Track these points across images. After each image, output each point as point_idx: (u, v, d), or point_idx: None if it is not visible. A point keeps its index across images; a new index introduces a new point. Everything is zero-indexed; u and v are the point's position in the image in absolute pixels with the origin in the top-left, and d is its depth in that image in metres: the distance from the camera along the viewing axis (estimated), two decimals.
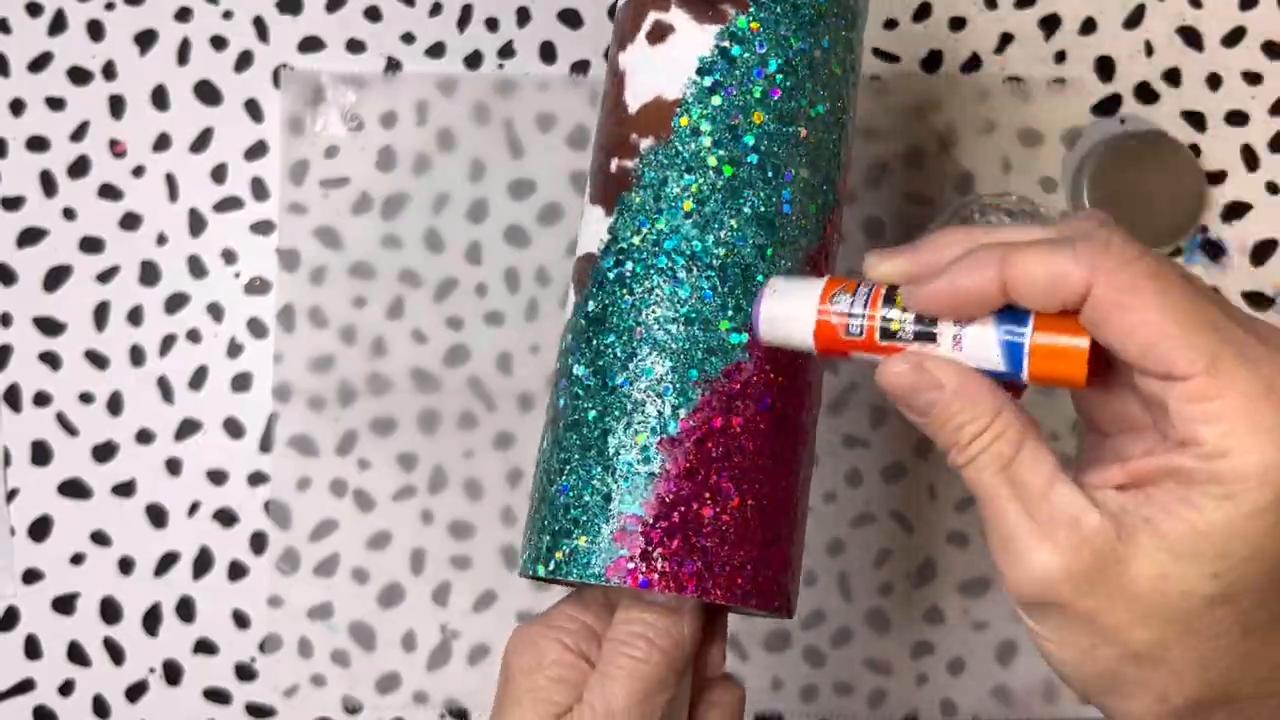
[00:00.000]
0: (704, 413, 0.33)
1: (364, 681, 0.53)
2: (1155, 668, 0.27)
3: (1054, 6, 0.54)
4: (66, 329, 0.53)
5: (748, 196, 0.35)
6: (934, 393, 0.29)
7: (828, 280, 0.31)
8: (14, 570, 0.53)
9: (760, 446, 0.34)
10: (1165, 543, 0.26)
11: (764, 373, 0.34)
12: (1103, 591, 0.27)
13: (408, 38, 0.54)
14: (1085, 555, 0.27)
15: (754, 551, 0.33)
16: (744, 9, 0.35)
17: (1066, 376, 0.28)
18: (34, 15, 0.54)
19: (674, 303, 0.34)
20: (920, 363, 0.29)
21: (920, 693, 0.53)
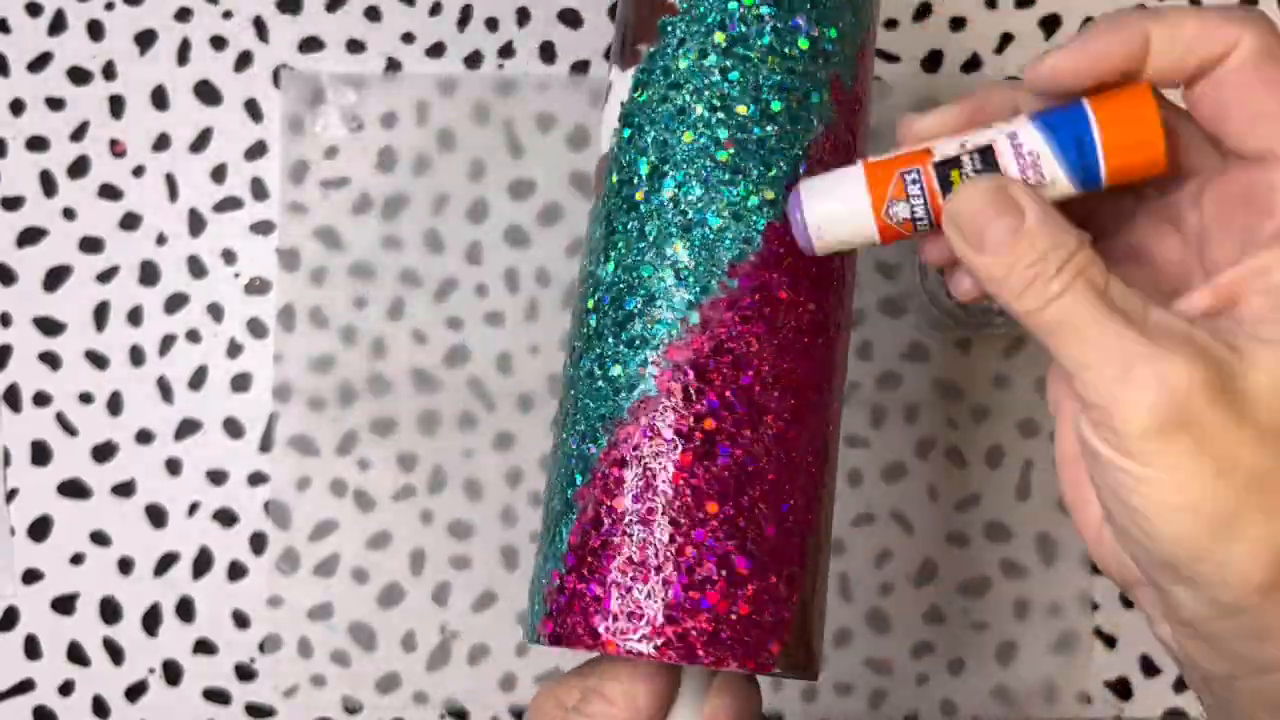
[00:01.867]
0: (620, 449, 0.31)
1: (364, 682, 0.53)
2: (1267, 495, 0.25)
3: (1054, 7, 0.54)
4: (66, 329, 0.53)
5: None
6: (1015, 219, 0.26)
7: (864, 165, 0.29)
8: (14, 570, 0.53)
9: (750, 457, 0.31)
10: (1278, 354, 0.25)
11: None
12: (1230, 407, 0.25)
13: (408, 38, 0.54)
14: (1204, 370, 0.25)
15: (715, 597, 0.30)
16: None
17: (1145, 151, 0.26)
18: (34, 15, 0.54)
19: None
20: (1003, 185, 0.27)
21: (920, 693, 0.53)
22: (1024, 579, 0.53)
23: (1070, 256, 0.26)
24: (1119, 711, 0.53)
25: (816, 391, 0.32)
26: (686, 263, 0.31)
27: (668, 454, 0.30)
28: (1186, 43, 0.26)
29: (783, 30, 0.32)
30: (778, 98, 0.32)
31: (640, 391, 0.31)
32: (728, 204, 0.31)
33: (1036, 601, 0.53)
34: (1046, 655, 0.53)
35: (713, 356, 0.31)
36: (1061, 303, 0.26)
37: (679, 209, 0.32)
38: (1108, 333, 0.25)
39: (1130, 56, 0.26)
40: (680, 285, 0.31)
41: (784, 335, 0.31)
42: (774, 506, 0.31)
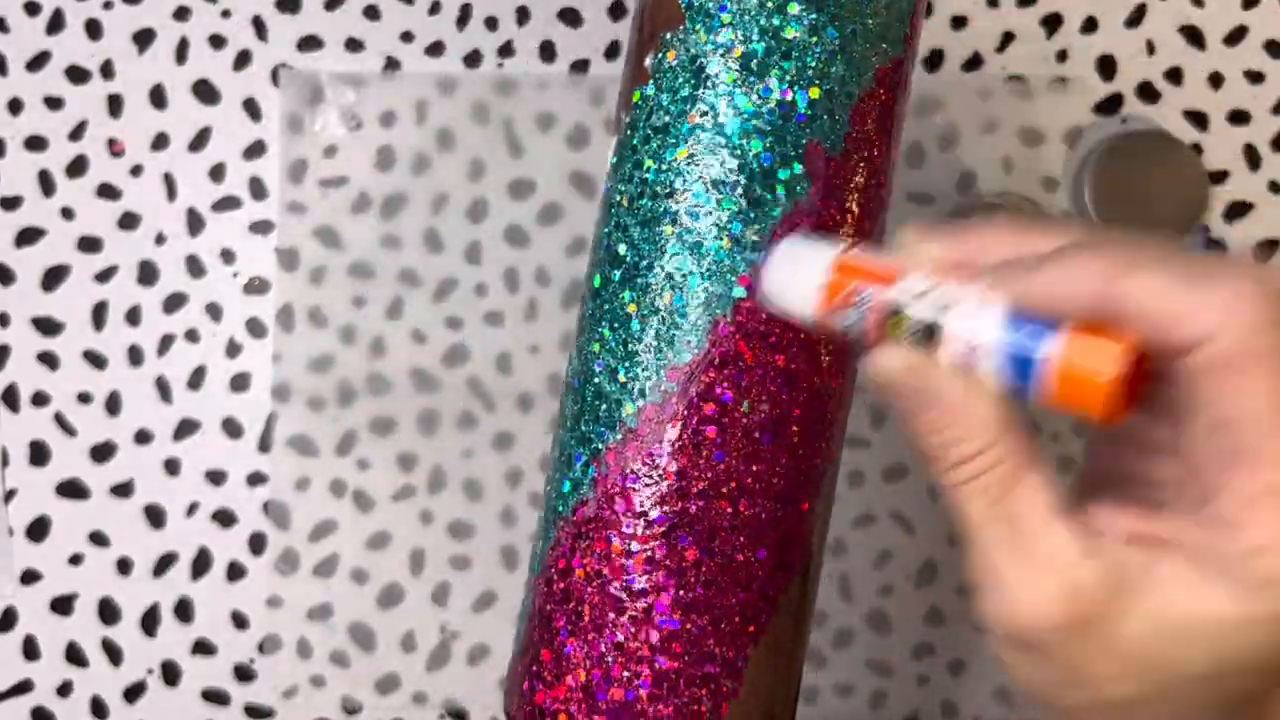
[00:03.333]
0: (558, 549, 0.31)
1: (363, 682, 0.53)
2: (1121, 714, 0.25)
3: (1056, 5, 0.54)
4: (64, 329, 0.53)
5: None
6: (926, 399, 0.26)
7: (836, 260, 0.27)
8: (12, 571, 0.53)
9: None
10: (1166, 616, 0.24)
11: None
12: (1087, 645, 0.25)
13: (407, 37, 0.54)
14: (1074, 608, 0.24)
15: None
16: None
17: (1084, 407, 0.24)
18: (32, 14, 0.54)
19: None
20: (916, 366, 0.26)
21: (921, 693, 0.53)
22: None
23: (975, 454, 0.25)
24: None
25: (764, 494, 0.30)
26: (627, 359, 0.31)
27: (605, 560, 0.30)
28: (1154, 325, 0.24)
29: (744, 99, 0.30)
30: (736, 177, 0.30)
31: (580, 493, 0.31)
32: (681, 304, 0.30)
33: None
34: None
35: (649, 467, 0.30)
36: (953, 495, 0.26)
37: (631, 299, 0.31)
38: (990, 544, 0.25)
39: (1099, 311, 0.24)
40: (620, 387, 0.30)
41: (727, 438, 0.30)
42: (717, 615, 0.30)
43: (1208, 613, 0.24)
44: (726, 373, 0.30)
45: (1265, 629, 0.23)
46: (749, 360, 0.30)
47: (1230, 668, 0.24)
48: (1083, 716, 0.26)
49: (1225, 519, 0.24)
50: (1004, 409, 0.26)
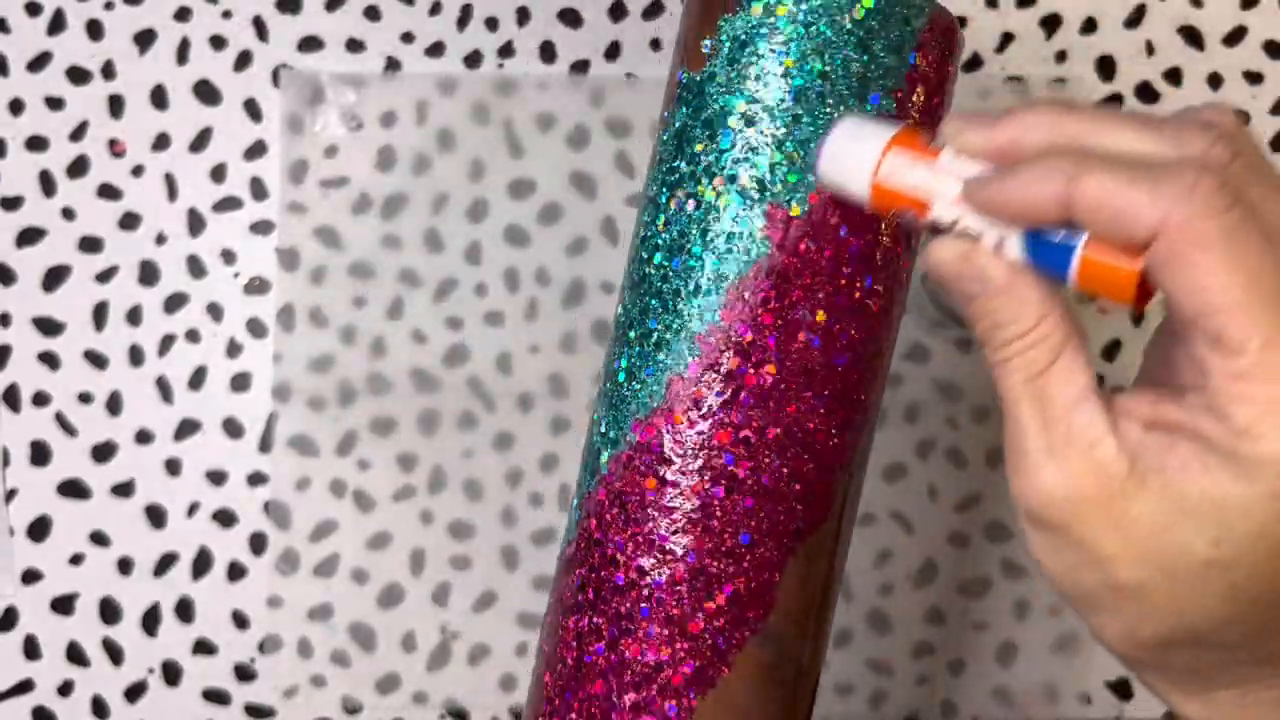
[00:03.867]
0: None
1: (364, 682, 0.53)
2: (1132, 602, 0.27)
3: (1055, 6, 0.54)
4: (65, 329, 0.53)
5: None
6: (978, 285, 0.27)
7: (900, 132, 0.29)
8: (13, 570, 0.53)
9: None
10: (1174, 497, 0.25)
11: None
12: (1101, 523, 0.26)
13: (407, 37, 0.54)
14: (1091, 484, 0.26)
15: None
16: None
17: (1113, 295, 0.26)
18: (33, 15, 0.54)
19: None
20: (968, 253, 0.27)
21: (921, 693, 0.53)
22: (1024, 579, 0.53)
23: (1021, 334, 0.27)
24: (1119, 712, 0.53)
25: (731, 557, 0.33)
26: (604, 416, 0.34)
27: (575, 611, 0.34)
28: (1108, 220, 0.25)
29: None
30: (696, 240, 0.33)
31: (568, 536, 0.35)
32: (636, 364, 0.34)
33: (1037, 602, 0.53)
34: (1047, 656, 0.53)
35: (610, 506, 0.33)
36: (997, 372, 0.28)
37: (612, 371, 0.34)
38: (1023, 420, 0.27)
39: (1045, 216, 0.26)
40: (599, 441, 0.34)
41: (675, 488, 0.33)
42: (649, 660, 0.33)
43: (1209, 493, 0.25)
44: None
45: (1264, 509, 0.24)
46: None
47: (1234, 552, 0.25)
48: (1097, 604, 0.27)
49: (1215, 404, 0.25)
50: (1046, 291, 0.27)
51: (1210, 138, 0.26)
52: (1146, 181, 0.24)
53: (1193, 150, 0.25)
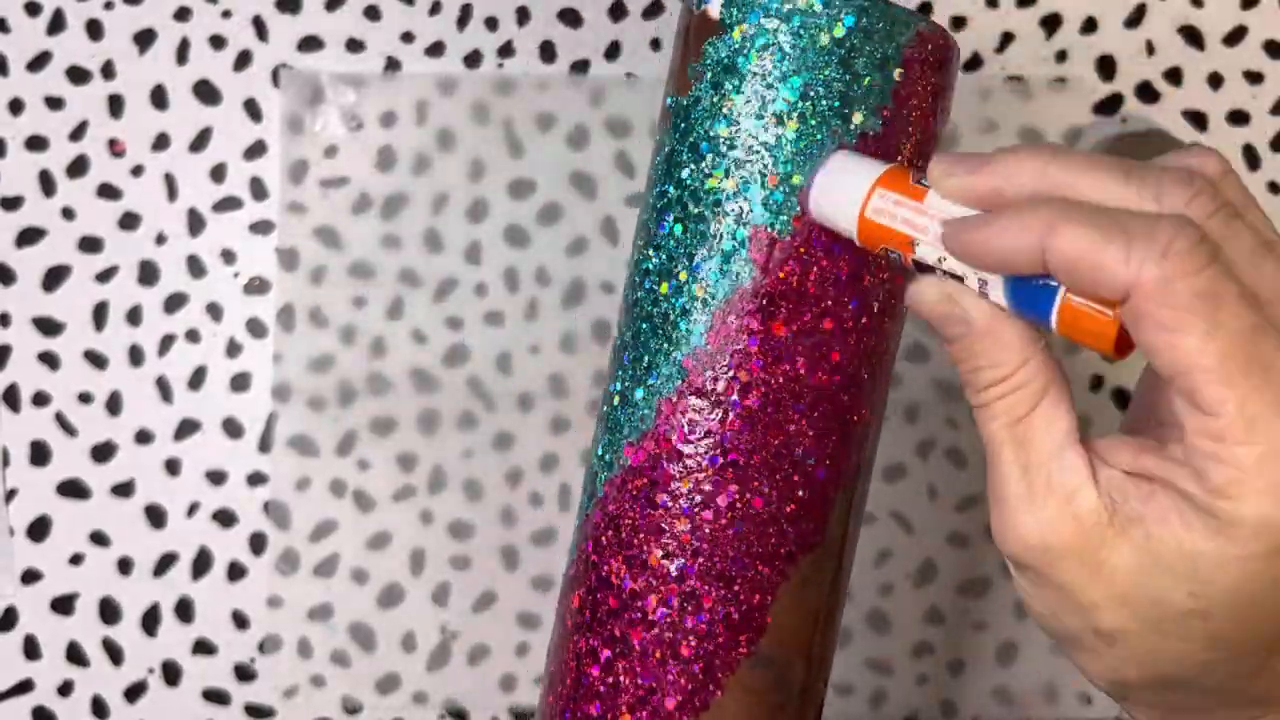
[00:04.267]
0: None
1: (364, 682, 0.53)
2: (1114, 646, 0.27)
3: (1055, 6, 0.54)
4: (65, 329, 0.53)
5: None
6: (960, 327, 0.27)
7: (888, 170, 0.29)
8: (13, 570, 0.53)
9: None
10: (1152, 548, 0.26)
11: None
12: (1081, 571, 0.26)
13: (407, 37, 0.54)
14: (1070, 533, 0.26)
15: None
16: None
17: (1094, 345, 0.26)
18: (33, 14, 0.54)
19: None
20: (950, 294, 0.28)
21: (920, 693, 0.53)
22: None
23: (1002, 379, 0.27)
24: (1119, 712, 0.53)
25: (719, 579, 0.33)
26: (600, 438, 0.35)
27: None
28: (1082, 277, 0.25)
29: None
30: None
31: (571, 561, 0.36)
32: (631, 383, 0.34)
33: None
34: (1046, 656, 0.53)
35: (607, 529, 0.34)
36: (978, 415, 0.28)
37: (613, 392, 0.35)
38: (1003, 466, 0.27)
39: (1022, 267, 0.26)
40: (597, 464, 0.35)
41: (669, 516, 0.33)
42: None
43: (1185, 548, 0.25)
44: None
45: (1240, 567, 0.24)
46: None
47: (1211, 604, 0.25)
48: (1081, 645, 0.28)
49: (1193, 461, 0.25)
50: (1029, 335, 0.27)
51: (1193, 190, 0.25)
52: (1121, 238, 0.24)
53: (1174, 202, 0.25)
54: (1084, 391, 0.53)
